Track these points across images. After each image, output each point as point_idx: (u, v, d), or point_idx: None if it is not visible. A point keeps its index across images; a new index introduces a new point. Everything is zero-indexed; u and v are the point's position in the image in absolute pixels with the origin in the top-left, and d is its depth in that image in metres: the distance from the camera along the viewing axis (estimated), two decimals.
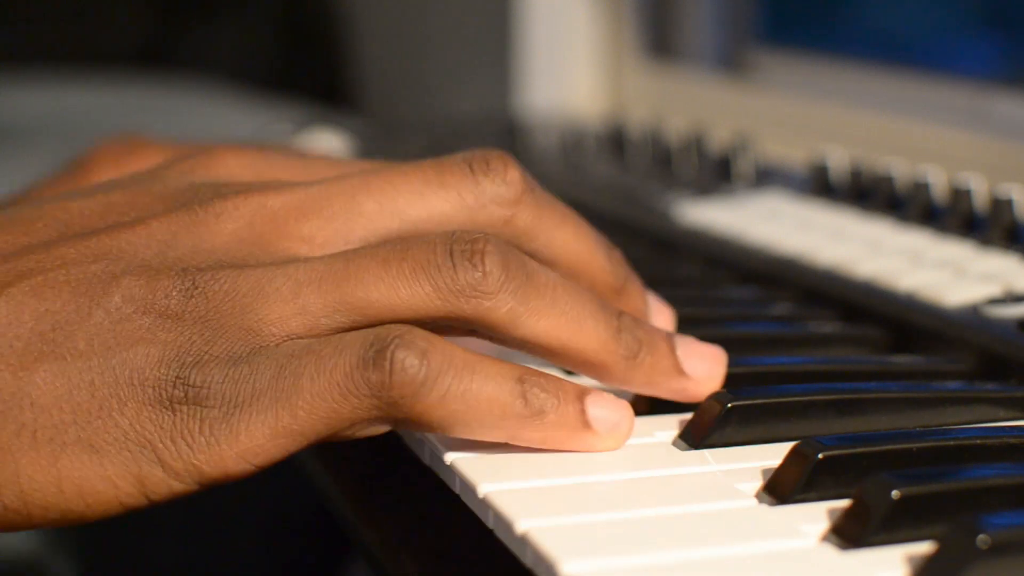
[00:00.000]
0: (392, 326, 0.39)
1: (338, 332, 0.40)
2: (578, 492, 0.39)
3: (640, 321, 0.43)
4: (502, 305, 0.40)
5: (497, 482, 0.39)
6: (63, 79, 1.41)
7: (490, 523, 0.38)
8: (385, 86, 1.43)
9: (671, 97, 1.04)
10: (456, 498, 0.41)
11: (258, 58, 1.53)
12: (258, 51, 1.54)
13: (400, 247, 0.41)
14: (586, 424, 0.40)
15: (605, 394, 0.41)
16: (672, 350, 0.43)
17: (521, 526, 0.36)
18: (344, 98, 1.46)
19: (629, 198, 0.76)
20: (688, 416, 0.44)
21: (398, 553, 0.42)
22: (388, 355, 0.38)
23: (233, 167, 0.45)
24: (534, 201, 0.44)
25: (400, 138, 0.97)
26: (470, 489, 0.39)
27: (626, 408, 0.41)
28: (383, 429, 0.40)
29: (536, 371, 0.40)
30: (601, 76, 1.13)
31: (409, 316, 0.40)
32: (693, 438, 0.43)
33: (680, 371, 0.43)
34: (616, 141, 0.88)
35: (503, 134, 1.01)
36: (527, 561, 0.36)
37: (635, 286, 0.47)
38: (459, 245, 0.40)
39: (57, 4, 1.52)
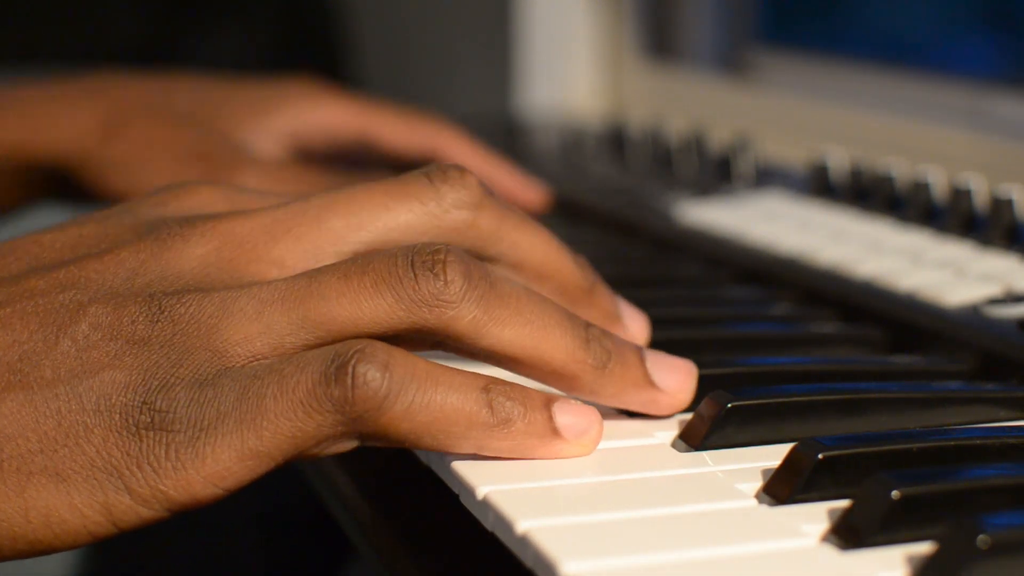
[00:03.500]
0: (353, 340, 0.39)
1: (304, 350, 0.40)
2: (578, 493, 0.39)
3: (608, 332, 0.43)
4: (465, 314, 0.40)
5: (497, 483, 0.39)
6: (62, 75, 1.41)
7: (490, 524, 0.38)
8: (385, 86, 1.43)
9: (671, 97, 1.04)
10: (456, 498, 0.41)
11: (258, 58, 1.53)
12: (258, 51, 1.54)
13: (361, 261, 0.40)
14: (554, 431, 0.40)
15: (572, 401, 0.41)
16: (641, 361, 0.43)
17: (521, 527, 0.36)
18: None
19: (629, 198, 0.76)
20: (688, 416, 0.44)
21: (398, 553, 0.42)
22: (349, 370, 0.38)
23: (205, 198, 0.45)
24: (495, 205, 0.44)
25: None
26: (469, 490, 0.39)
27: (594, 414, 0.41)
28: (350, 445, 0.40)
29: (502, 380, 0.40)
30: (601, 76, 1.13)
31: (373, 330, 0.40)
32: (693, 439, 0.43)
33: (650, 382, 0.43)
34: (616, 141, 0.88)
35: (503, 134, 1.01)
36: (527, 562, 0.36)
37: (603, 289, 0.47)
38: (420, 256, 0.40)
39: (57, 4, 1.52)
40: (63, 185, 0.73)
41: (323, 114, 0.75)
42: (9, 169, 0.73)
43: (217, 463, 0.38)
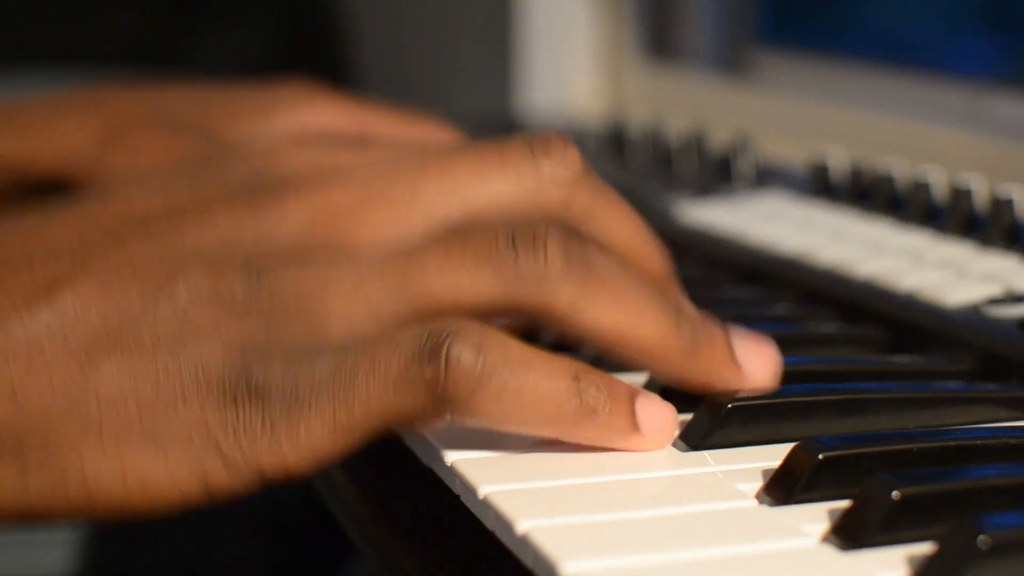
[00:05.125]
0: (447, 320, 0.39)
1: (403, 324, 0.40)
2: (579, 493, 0.39)
3: (698, 313, 0.43)
4: (564, 293, 0.40)
5: (497, 483, 0.39)
6: (63, 79, 1.41)
7: (490, 524, 0.38)
8: (385, 86, 1.42)
9: (671, 97, 1.04)
10: (456, 498, 0.41)
11: (258, 58, 1.53)
12: (258, 51, 1.54)
13: (461, 237, 0.40)
14: (635, 425, 0.40)
15: (653, 396, 0.41)
16: (728, 342, 0.43)
17: (521, 527, 0.36)
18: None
19: (629, 198, 0.76)
20: (688, 416, 0.44)
21: (398, 553, 0.42)
22: (443, 350, 0.38)
23: (293, 156, 0.45)
24: (592, 184, 0.44)
25: None
26: (470, 490, 0.39)
27: (672, 411, 0.41)
28: (440, 423, 0.39)
29: (591, 369, 0.40)
30: (601, 76, 1.13)
31: (472, 306, 0.40)
32: (693, 438, 0.42)
33: (735, 363, 0.43)
34: (616, 141, 0.88)
35: (503, 134, 1.01)
36: (528, 562, 0.36)
37: (676, 281, 0.47)
38: (521, 234, 0.40)
39: (57, 4, 1.52)
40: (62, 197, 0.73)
41: (320, 116, 0.75)
42: (8, 184, 0.73)
43: (310, 435, 0.38)
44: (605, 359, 0.44)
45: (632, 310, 0.41)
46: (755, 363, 0.43)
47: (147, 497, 0.38)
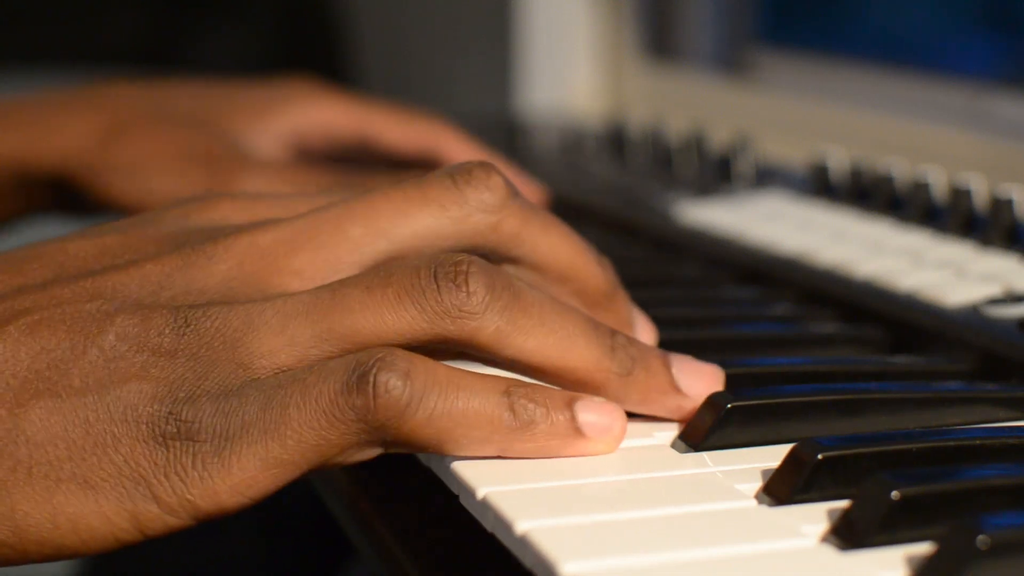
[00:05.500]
0: (374, 349, 0.39)
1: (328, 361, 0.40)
2: (578, 493, 0.39)
3: (633, 339, 0.43)
4: (488, 325, 0.40)
5: (496, 484, 0.39)
6: (63, 79, 1.41)
7: (489, 525, 0.38)
8: (385, 86, 1.42)
9: (671, 97, 1.04)
10: (455, 499, 0.41)
11: (258, 58, 1.53)
12: (258, 51, 1.54)
13: (384, 273, 0.41)
14: (577, 431, 0.40)
15: (595, 399, 0.41)
16: (667, 367, 0.43)
17: (520, 527, 0.36)
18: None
19: (629, 198, 0.76)
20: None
21: (398, 553, 0.42)
22: (371, 378, 0.38)
23: (227, 210, 0.45)
24: (519, 206, 0.44)
25: None
26: (469, 491, 0.39)
27: (617, 411, 0.41)
28: (374, 453, 0.40)
29: (524, 382, 0.40)
30: (601, 76, 1.13)
31: (397, 341, 0.40)
32: (693, 439, 0.42)
33: (676, 389, 0.43)
34: (616, 141, 0.88)
35: (503, 134, 1.01)
36: (527, 562, 0.36)
37: (623, 295, 0.47)
38: (443, 267, 0.40)
39: (57, 4, 1.52)
40: (65, 195, 0.73)
41: (322, 114, 0.75)
42: (11, 180, 0.73)
43: (243, 472, 0.38)
44: None
45: (561, 337, 0.41)
46: (697, 386, 0.43)
47: (79, 538, 0.39)
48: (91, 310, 0.40)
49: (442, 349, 0.41)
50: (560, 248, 0.45)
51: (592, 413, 0.41)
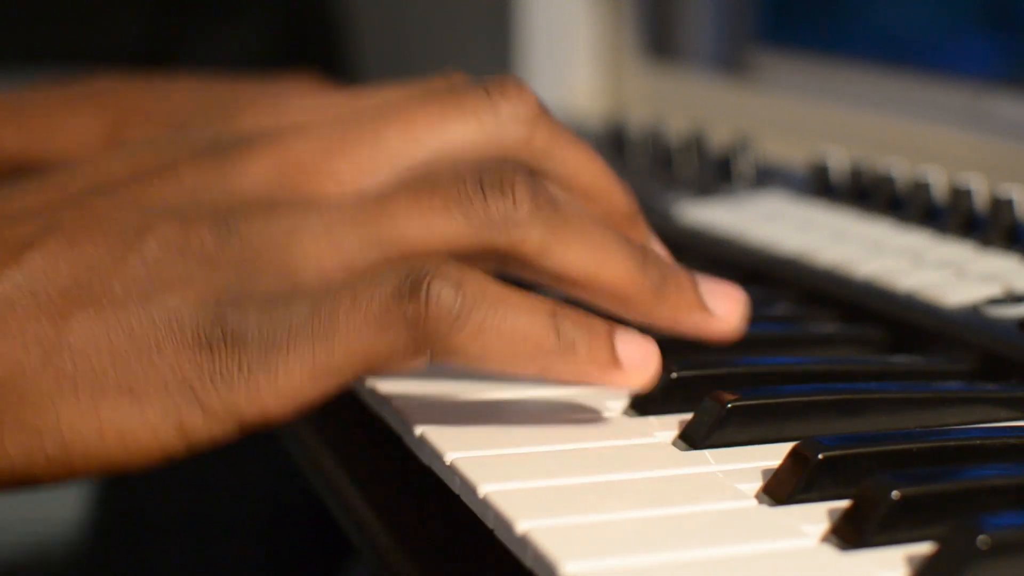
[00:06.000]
0: (427, 259, 0.39)
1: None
2: (578, 492, 0.39)
3: (661, 256, 0.44)
4: (532, 235, 0.41)
5: (497, 482, 0.39)
6: (63, 79, 1.41)
7: (490, 523, 0.38)
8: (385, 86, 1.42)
9: (671, 97, 1.04)
10: (456, 498, 0.41)
11: (258, 58, 1.53)
12: (258, 51, 1.54)
13: (430, 182, 0.41)
14: (615, 361, 0.40)
15: (633, 332, 0.41)
16: (695, 285, 0.43)
17: (521, 526, 0.36)
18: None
19: None
20: (688, 416, 0.44)
21: (398, 553, 0.42)
22: (424, 287, 0.38)
23: (253, 115, 0.45)
24: (549, 122, 0.45)
25: None
26: (470, 489, 0.39)
27: (652, 346, 0.41)
28: (419, 362, 0.39)
29: (569, 306, 0.40)
30: (601, 76, 1.13)
31: (442, 250, 0.40)
32: (693, 438, 0.43)
33: (703, 306, 0.43)
34: (616, 141, 0.88)
35: None
36: (527, 561, 0.36)
37: (643, 219, 0.47)
38: (489, 177, 0.41)
39: (57, 4, 1.52)
40: None
41: None
42: (12, 175, 0.73)
43: (289, 378, 0.38)
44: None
45: (599, 251, 0.42)
46: (723, 306, 0.44)
47: (125, 448, 0.38)
48: (130, 219, 0.40)
49: (485, 260, 0.41)
50: (587, 167, 0.45)
51: (630, 346, 0.41)
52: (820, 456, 0.39)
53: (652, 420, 0.44)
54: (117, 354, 0.38)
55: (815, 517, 0.37)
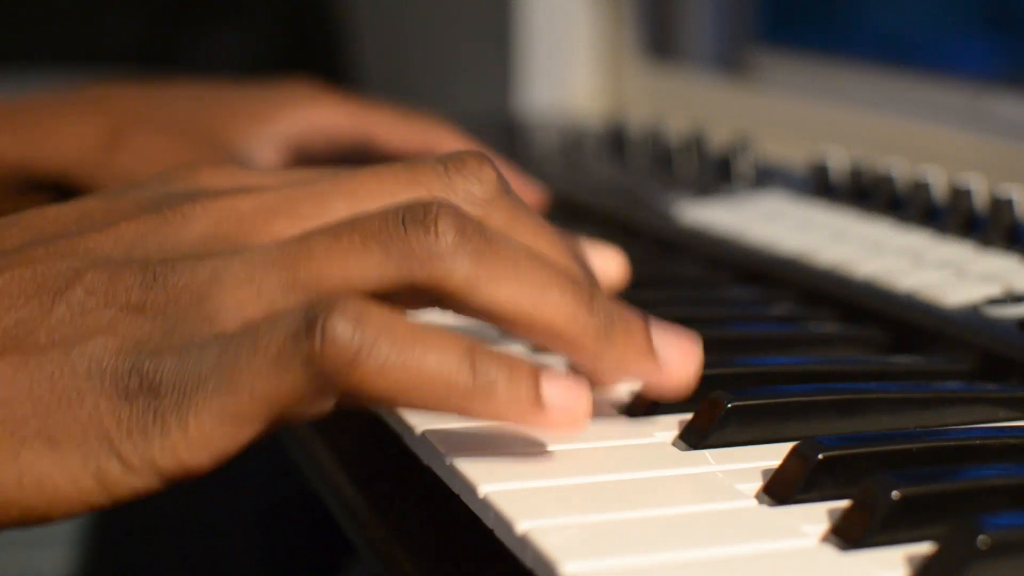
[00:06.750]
0: (329, 296, 0.38)
1: None
2: (578, 492, 0.39)
3: (614, 299, 0.41)
4: (458, 270, 0.38)
5: (497, 482, 0.39)
6: (63, 79, 1.41)
7: (490, 523, 0.38)
8: (385, 86, 1.42)
9: (671, 97, 1.04)
10: (456, 498, 0.41)
11: (258, 58, 1.53)
12: (258, 51, 1.54)
13: (352, 219, 0.39)
14: (539, 403, 0.38)
15: (562, 374, 0.39)
16: (647, 331, 0.41)
17: (521, 526, 0.36)
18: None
19: (629, 198, 0.76)
20: (688, 416, 0.44)
21: (398, 553, 0.42)
22: (319, 324, 0.37)
23: (210, 177, 0.44)
24: (509, 204, 0.43)
25: None
26: (470, 489, 0.39)
27: (582, 390, 0.39)
28: (328, 405, 0.38)
29: (489, 345, 0.38)
30: (601, 76, 1.13)
31: (363, 288, 0.39)
32: (693, 438, 0.42)
33: (653, 354, 0.41)
34: (616, 141, 0.88)
35: (503, 134, 1.01)
36: (527, 561, 0.36)
37: (600, 293, 0.45)
38: (411, 210, 0.39)
39: (57, 4, 1.52)
40: (65, 200, 0.73)
41: (322, 117, 0.75)
42: (11, 183, 0.73)
43: (200, 427, 0.37)
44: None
45: (535, 287, 0.39)
46: (675, 357, 0.41)
47: (45, 497, 0.38)
48: (62, 268, 0.40)
49: (413, 299, 0.40)
50: (547, 250, 0.43)
51: (556, 388, 0.38)
52: (820, 456, 0.39)
53: (652, 420, 0.44)
54: (39, 402, 0.38)
55: (815, 517, 0.37)
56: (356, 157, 0.76)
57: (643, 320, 0.41)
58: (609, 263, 0.48)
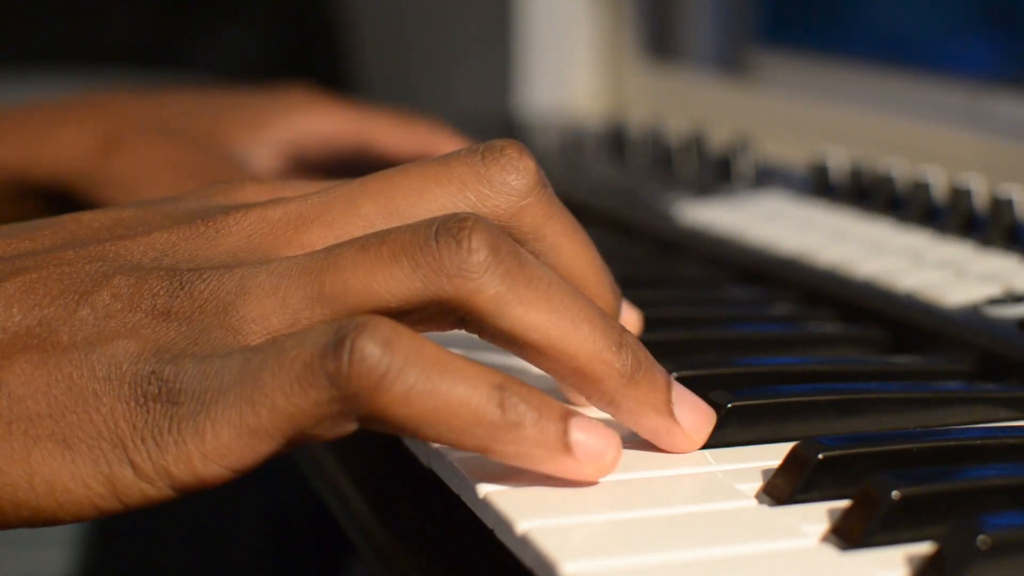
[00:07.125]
0: (359, 315, 0.37)
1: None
2: (578, 492, 0.39)
3: (642, 346, 0.40)
4: (488, 288, 0.37)
5: (497, 483, 0.39)
6: (63, 79, 1.41)
7: (490, 524, 0.38)
8: (385, 86, 1.43)
9: (671, 97, 1.04)
10: (456, 498, 0.41)
11: (258, 59, 1.53)
12: (258, 52, 1.54)
13: (382, 232, 0.39)
14: (567, 447, 0.37)
15: (593, 420, 0.38)
16: (668, 387, 0.40)
17: (521, 527, 0.36)
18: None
19: (629, 198, 0.76)
20: None
21: (398, 553, 0.42)
22: (347, 344, 0.36)
23: (251, 192, 0.44)
24: (545, 199, 0.42)
25: None
26: (470, 489, 0.39)
27: (614, 438, 0.38)
28: (350, 428, 0.37)
29: (520, 381, 0.37)
30: (601, 76, 1.13)
31: (389, 302, 0.38)
32: None
33: (670, 411, 0.40)
34: (616, 141, 0.88)
35: (503, 134, 1.01)
36: (527, 562, 0.36)
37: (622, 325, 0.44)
38: (444, 224, 0.38)
39: (57, 4, 1.52)
40: (62, 205, 0.73)
41: (320, 122, 0.75)
42: (8, 190, 0.73)
43: (217, 439, 0.37)
44: None
45: (564, 318, 0.38)
46: (691, 419, 0.40)
47: (55, 500, 0.37)
48: (90, 271, 0.39)
49: (439, 316, 0.39)
50: (578, 257, 0.43)
51: (586, 433, 0.37)
52: (820, 456, 0.39)
53: None
54: (55, 402, 0.38)
55: (815, 517, 0.37)
56: (354, 161, 0.76)
57: (667, 375, 0.40)
58: (630, 312, 0.47)
